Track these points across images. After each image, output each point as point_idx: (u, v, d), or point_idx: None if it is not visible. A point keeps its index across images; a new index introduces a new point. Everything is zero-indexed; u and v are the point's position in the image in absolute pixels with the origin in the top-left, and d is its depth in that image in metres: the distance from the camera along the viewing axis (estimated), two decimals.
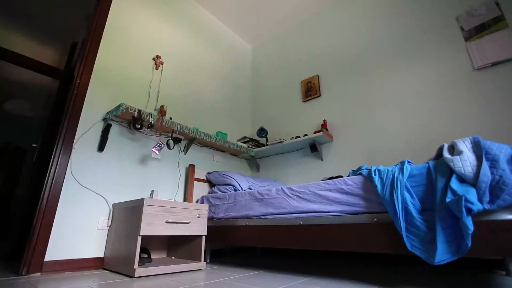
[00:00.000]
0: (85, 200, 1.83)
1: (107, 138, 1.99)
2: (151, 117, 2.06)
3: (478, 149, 1.13)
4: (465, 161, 1.11)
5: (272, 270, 1.73)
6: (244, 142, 2.96)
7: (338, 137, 2.63)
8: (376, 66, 2.57)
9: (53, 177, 1.71)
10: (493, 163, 1.06)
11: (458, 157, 1.14)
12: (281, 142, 2.73)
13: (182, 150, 2.51)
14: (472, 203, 1.01)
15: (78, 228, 1.76)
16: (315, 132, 2.55)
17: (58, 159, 1.75)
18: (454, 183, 1.10)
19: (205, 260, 2.10)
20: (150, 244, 2.03)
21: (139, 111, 1.99)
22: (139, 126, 2.02)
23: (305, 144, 2.71)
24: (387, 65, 2.50)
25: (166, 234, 1.66)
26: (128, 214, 1.70)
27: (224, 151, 2.95)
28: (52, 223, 1.65)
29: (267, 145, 2.88)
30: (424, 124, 2.15)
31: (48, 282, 1.36)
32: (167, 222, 1.66)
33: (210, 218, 2.13)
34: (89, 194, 1.85)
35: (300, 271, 1.68)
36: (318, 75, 2.99)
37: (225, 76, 3.40)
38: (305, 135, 2.64)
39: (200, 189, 2.50)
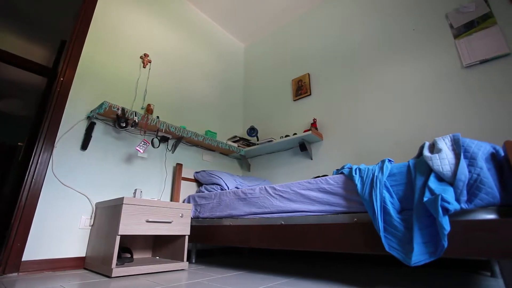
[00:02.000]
0: (67, 199, 1.80)
1: (90, 136, 1.96)
2: (135, 115, 2.03)
3: (457, 147, 1.10)
4: (444, 159, 1.08)
5: (256, 270, 1.70)
6: (234, 141, 2.93)
7: (328, 136, 2.59)
8: (367, 65, 2.54)
9: (33, 175, 1.68)
10: (471, 161, 1.03)
11: (437, 155, 1.11)
12: (271, 141, 2.70)
13: (169, 149, 2.48)
14: (448, 203, 0.98)
15: (59, 227, 1.73)
16: (304, 131, 2.52)
17: (38, 157, 1.73)
18: (432, 182, 1.07)
19: (190, 260, 2.07)
20: (135, 244, 2.01)
21: (122, 109, 1.96)
22: (124, 125, 2.00)
23: (295, 143, 2.68)
24: (377, 64, 2.47)
25: (146, 234, 1.63)
26: (109, 213, 1.68)
27: (214, 150, 2.92)
28: (31, 222, 1.62)
29: (257, 144, 2.85)
30: (414, 122, 2.11)
31: (22, 282, 1.33)
32: (147, 221, 1.63)
33: (195, 218, 2.11)
34: (71, 193, 1.83)
35: (283, 271, 1.65)
36: (309, 74, 2.96)
37: (216, 75, 3.37)
38: (295, 134, 2.61)
39: (188, 189, 2.47)
